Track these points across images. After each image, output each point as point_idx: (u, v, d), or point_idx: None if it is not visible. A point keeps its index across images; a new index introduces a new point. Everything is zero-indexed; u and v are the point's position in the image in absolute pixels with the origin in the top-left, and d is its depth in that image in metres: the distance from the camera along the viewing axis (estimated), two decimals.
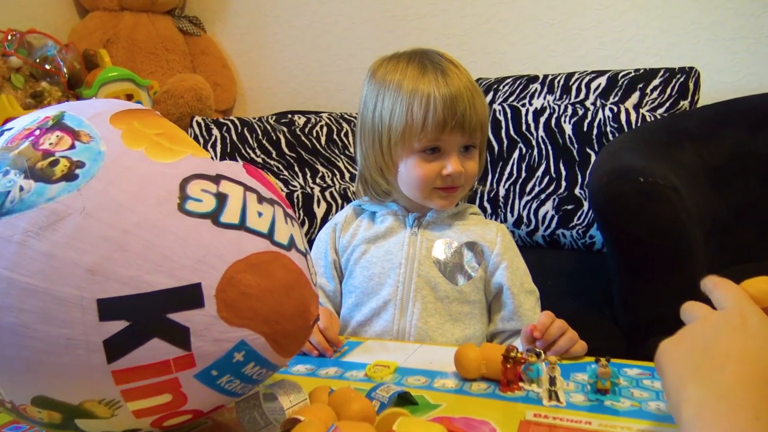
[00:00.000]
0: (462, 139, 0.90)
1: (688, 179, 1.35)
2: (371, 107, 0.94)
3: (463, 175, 0.91)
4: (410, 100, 0.89)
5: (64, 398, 0.48)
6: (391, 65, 0.94)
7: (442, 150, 0.90)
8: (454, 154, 0.90)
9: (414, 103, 0.88)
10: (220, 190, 0.51)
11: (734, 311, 0.48)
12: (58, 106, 0.54)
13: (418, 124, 0.88)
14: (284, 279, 0.52)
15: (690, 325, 0.50)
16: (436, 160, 0.90)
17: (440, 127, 0.88)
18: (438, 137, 0.89)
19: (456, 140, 0.90)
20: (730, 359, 0.44)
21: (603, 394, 0.65)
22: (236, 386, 0.53)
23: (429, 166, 0.90)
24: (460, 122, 0.88)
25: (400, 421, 0.52)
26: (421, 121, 0.88)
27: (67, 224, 0.46)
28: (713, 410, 0.42)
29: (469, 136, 0.90)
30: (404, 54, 0.95)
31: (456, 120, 0.87)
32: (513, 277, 0.92)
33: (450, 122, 0.87)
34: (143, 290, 0.46)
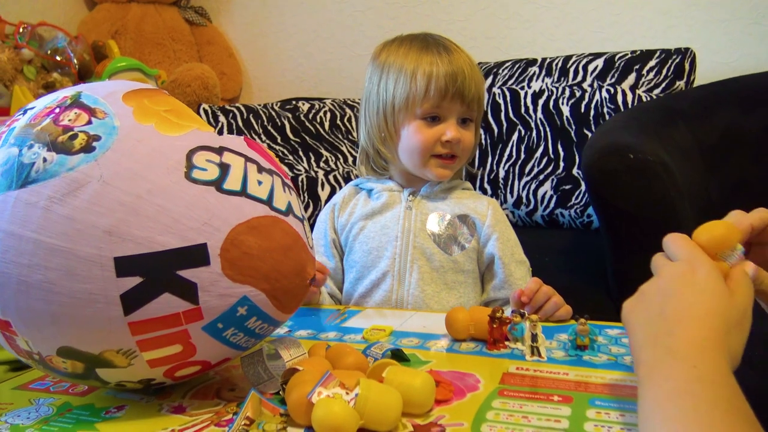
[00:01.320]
0: (461, 108, 0.96)
1: (682, 158, 1.38)
2: (376, 82, 1.00)
3: (461, 144, 0.97)
4: (414, 70, 0.96)
5: (86, 348, 0.53)
6: (393, 46, 1.01)
7: (442, 118, 0.96)
8: (454, 121, 0.96)
9: (418, 72, 0.95)
10: (223, 161, 0.56)
11: (684, 264, 0.52)
12: (75, 87, 0.59)
13: (420, 91, 0.95)
14: (282, 241, 0.57)
15: (648, 283, 0.54)
16: (436, 126, 0.96)
17: (441, 94, 0.94)
18: (439, 104, 0.95)
19: (455, 108, 0.96)
20: (680, 323, 0.48)
21: (582, 350, 0.70)
22: (240, 339, 0.58)
23: (429, 132, 0.96)
24: (461, 91, 0.94)
25: (389, 369, 0.57)
26: (424, 88, 0.94)
27: (87, 191, 0.51)
28: (660, 369, 0.47)
29: (467, 107, 0.97)
30: (407, 36, 1.02)
31: (456, 88, 0.94)
32: (504, 248, 0.97)
33: (451, 89, 0.94)
34: (155, 249, 0.51)
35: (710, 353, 0.46)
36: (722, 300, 0.49)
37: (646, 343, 0.50)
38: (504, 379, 0.63)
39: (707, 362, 0.45)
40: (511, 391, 0.60)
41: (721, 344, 0.47)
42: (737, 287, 0.51)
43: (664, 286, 0.52)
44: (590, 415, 0.54)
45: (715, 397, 0.43)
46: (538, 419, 0.54)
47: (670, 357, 0.47)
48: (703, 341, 0.47)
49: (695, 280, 0.51)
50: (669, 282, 0.52)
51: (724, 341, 0.47)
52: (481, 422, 0.54)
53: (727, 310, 0.49)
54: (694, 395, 0.43)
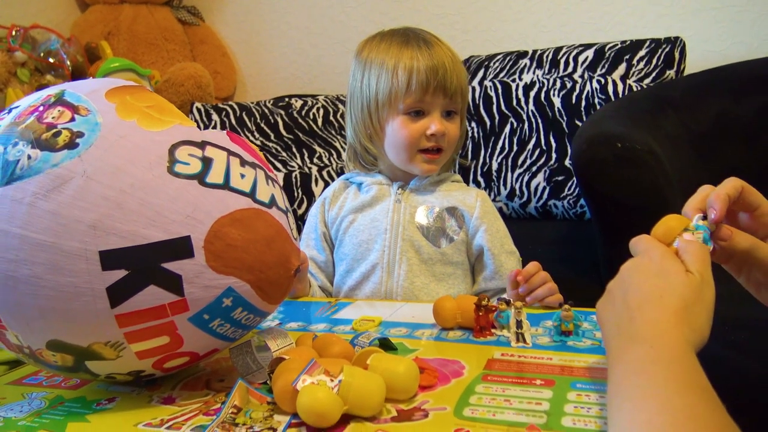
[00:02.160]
0: (444, 101, 0.97)
1: (672, 146, 1.39)
2: (359, 79, 1.01)
3: (446, 137, 0.97)
4: (395, 66, 0.96)
5: (74, 341, 0.54)
6: (375, 42, 1.01)
7: (426, 112, 0.97)
8: (437, 114, 0.97)
9: (399, 67, 0.96)
10: (206, 155, 0.57)
11: (641, 256, 0.55)
12: (59, 86, 0.60)
13: (402, 86, 0.95)
14: (265, 232, 0.58)
15: (612, 281, 0.56)
16: (420, 121, 0.97)
17: (423, 88, 0.95)
18: (421, 98, 0.96)
19: (438, 102, 0.96)
20: (639, 308, 0.50)
21: (566, 336, 0.71)
22: (227, 330, 0.59)
23: (414, 126, 0.97)
24: (442, 84, 0.95)
25: (373, 356, 0.58)
26: (406, 83, 0.95)
27: (71, 186, 0.52)
28: (622, 354, 0.48)
29: (450, 100, 0.97)
30: (388, 31, 1.02)
31: (438, 81, 0.95)
32: (493, 239, 0.98)
33: (432, 83, 0.95)
34: (139, 242, 0.52)
35: (668, 333, 0.47)
36: (676, 279, 0.51)
37: (611, 334, 0.52)
38: (489, 365, 0.64)
39: (664, 342, 0.47)
40: (495, 376, 0.61)
41: (679, 322, 0.48)
42: (690, 263, 0.52)
43: (625, 278, 0.54)
44: (571, 398, 0.55)
45: (670, 374, 0.44)
46: (520, 402, 0.55)
47: (631, 342, 0.48)
48: (660, 323, 0.48)
49: (650, 267, 0.53)
50: (628, 274, 0.54)
51: (683, 318, 0.48)
52: (463, 406, 0.55)
53: (683, 287, 0.50)
54: (650, 374, 0.45)
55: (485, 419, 0.52)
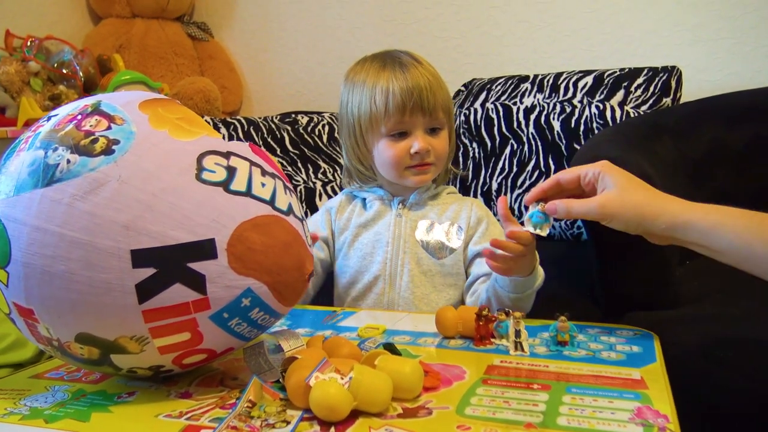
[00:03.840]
0: (424, 120, 1.01)
1: (666, 171, 1.43)
2: (345, 105, 1.06)
3: (432, 152, 1.02)
4: (372, 92, 1.01)
5: (102, 334, 0.58)
6: (358, 67, 1.07)
7: (408, 132, 1.01)
8: (420, 133, 1.01)
9: (376, 92, 1.00)
10: (230, 164, 0.61)
11: None
12: (95, 97, 0.64)
13: (380, 110, 1.00)
14: (283, 238, 0.62)
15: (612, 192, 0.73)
16: (403, 141, 1.01)
17: (400, 110, 0.99)
18: (401, 120, 1.00)
19: (418, 121, 1.00)
20: None
21: (562, 346, 0.75)
22: (244, 329, 0.63)
23: (398, 146, 1.01)
24: (419, 104, 0.99)
25: (381, 358, 0.62)
26: (383, 107, 0.99)
27: (106, 189, 0.56)
28: None
29: (430, 117, 1.01)
30: (370, 56, 1.08)
31: (414, 101, 0.98)
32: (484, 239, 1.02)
33: (408, 104, 0.98)
34: (168, 243, 0.56)
35: None
36: None
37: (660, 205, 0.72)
38: (488, 370, 0.68)
39: None
40: (495, 380, 0.65)
41: None
42: None
43: None
44: (566, 400, 0.59)
45: None
46: (518, 403, 0.59)
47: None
48: None
49: None
50: None
51: None
52: (465, 405, 0.58)
53: None
54: None
55: (485, 417, 0.56)
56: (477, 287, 0.99)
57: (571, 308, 1.31)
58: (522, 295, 0.92)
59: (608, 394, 0.60)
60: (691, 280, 1.31)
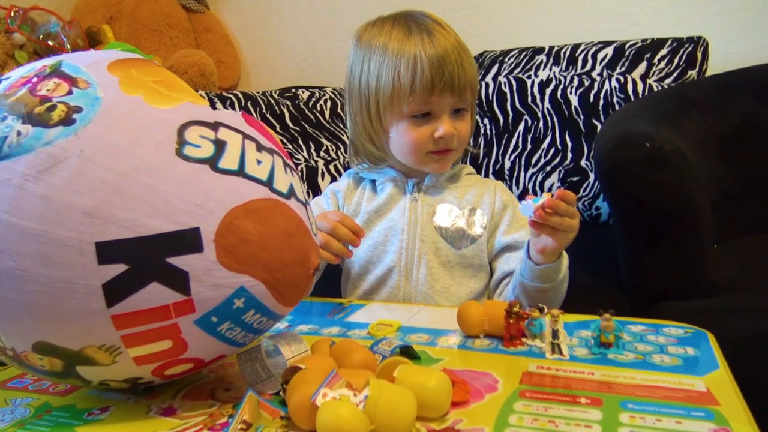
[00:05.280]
0: (452, 100, 0.88)
1: (696, 148, 1.33)
2: (357, 73, 0.92)
3: (456, 137, 0.90)
4: (396, 63, 0.87)
5: (64, 344, 0.48)
6: (376, 29, 0.93)
7: (433, 113, 0.89)
8: (446, 116, 0.89)
9: (401, 65, 0.87)
10: (219, 137, 0.51)
11: None
12: (57, 57, 0.53)
13: (406, 88, 0.87)
14: (284, 226, 0.51)
15: None
16: (427, 124, 0.89)
17: (429, 90, 0.86)
18: (427, 100, 0.87)
19: (446, 102, 0.88)
20: None
21: (606, 348, 0.65)
22: (237, 334, 0.53)
23: (420, 131, 0.89)
24: (449, 83, 0.86)
25: (400, 368, 0.52)
26: (409, 84, 0.86)
27: (65, 168, 0.46)
28: None
29: (459, 97, 0.89)
30: (389, 17, 0.94)
31: (444, 81, 0.86)
32: (515, 228, 0.92)
33: (438, 84, 0.86)
34: (141, 234, 0.46)
35: None
36: None
37: None
38: (524, 379, 0.58)
39: None
40: (533, 392, 0.55)
41: None
42: None
43: None
44: (623, 420, 0.49)
45: None
46: (567, 424, 0.49)
47: None
48: None
49: None
50: None
51: None
52: (503, 426, 0.49)
53: None
54: None
55: None
56: (503, 289, 0.90)
57: (595, 297, 1.22)
58: (551, 285, 0.82)
59: (673, 411, 0.50)
60: (721, 266, 1.21)
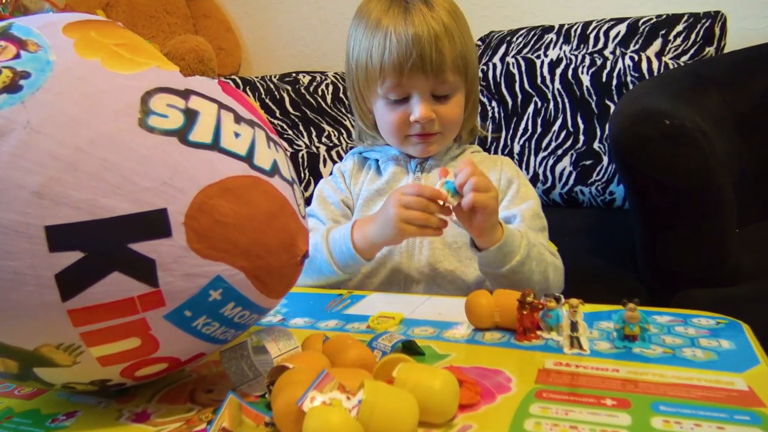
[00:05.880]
0: (426, 83, 0.82)
1: (715, 126, 1.26)
2: (349, 47, 0.89)
3: (439, 121, 0.84)
4: (370, 42, 0.83)
5: (17, 342, 0.42)
6: (364, 3, 0.89)
7: (410, 96, 0.84)
8: (422, 98, 0.83)
9: (373, 44, 0.83)
10: (190, 106, 0.44)
11: None
12: (9, 20, 0.47)
13: (376, 67, 0.83)
14: (265, 207, 0.45)
15: None
16: (403, 105, 0.84)
17: (398, 71, 0.81)
18: (399, 82, 0.82)
19: (420, 84, 0.82)
20: None
21: (631, 341, 0.58)
22: (215, 330, 0.47)
23: (396, 113, 0.85)
24: (419, 65, 0.80)
25: (400, 367, 0.46)
26: (378, 63, 0.82)
27: (9, 141, 0.39)
28: None
29: (435, 79, 0.82)
30: None
31: (413, 62, 0.80)
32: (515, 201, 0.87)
33: (406, 65, 0.80)
34: (99, 216, 0.40)
35: None
36: None
37: None
38: (540, 378, 0.52)
39: None
40: (552, 393, 0.49)
41: None
42: None
43: None
44: (656, 425, 0.43)
45: None
46: (592, 430, 0.42)
47: None
48: None
49: None
50: None
51: None
52: None
53: None
54: None
55: None
56: None
57: (610, 283, 1.15)
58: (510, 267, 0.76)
59: (713, 415, 0.44)
60: (742, 252, 1.14)
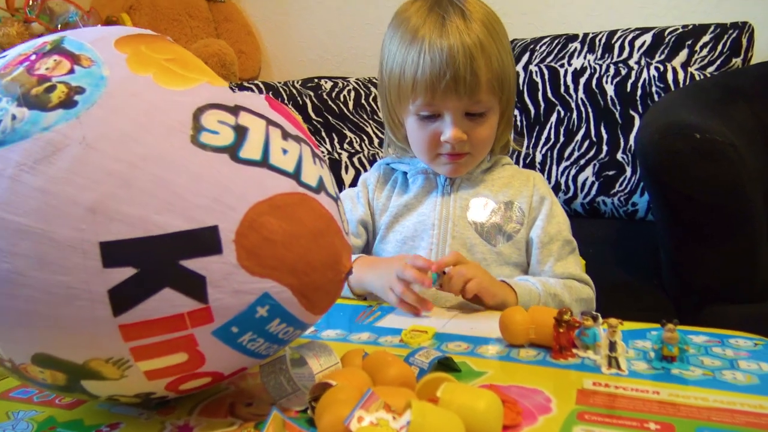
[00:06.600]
0: (460, 103, 0.81)
1: (745, 139, 1.25)
2: (384, 56, 0.87)
3: (470, 141, 0.83)
4: (404, 57, 0.82)
5: (66, 356, 0.43)
6: (408, 4, 0.87)
7: (440, 115, 0.83)
8: (455, 119, 0.82)
9: (407, 60, 0.81)
10: (240, 123, 0.45)
11: None
12: (60, 33, 0.48)
13: (408, 84, 0.82)
14: (312, 224, 0.45)
15: None
16: (435, 123, 0.83)
17: (429, 90, 0.80)
18: (430, 101, 0.81)
19: (452, 105, 0.81)
20: None
21: (669, 362, 0.58)
22: (260, 346, 0.47)
23: (427, 131, 0.84)
24: (452, 86, 0.79)
25: (445, 387, 0.45)
26: (411, 81, 0.81)
27: (65, 156, 0.40)
28: None
29: (469, 101, 0.81)
30: None
31: (446, 84, 0.79)
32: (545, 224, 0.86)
33: (439, 86, 0.79)
34: (152, 232, 0.40)
35: None
36: None
37: None
38: (580, 398, 0.51)
39: None
40: (594, 415, 0.48)
41: None
42: None
43: None
44: None
45: None
46: None
47: None
48: None
49: None
50: None
51: None
52: None
53: None
54: None
55: None
56: None
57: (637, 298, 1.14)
58: None
59: None
60: None
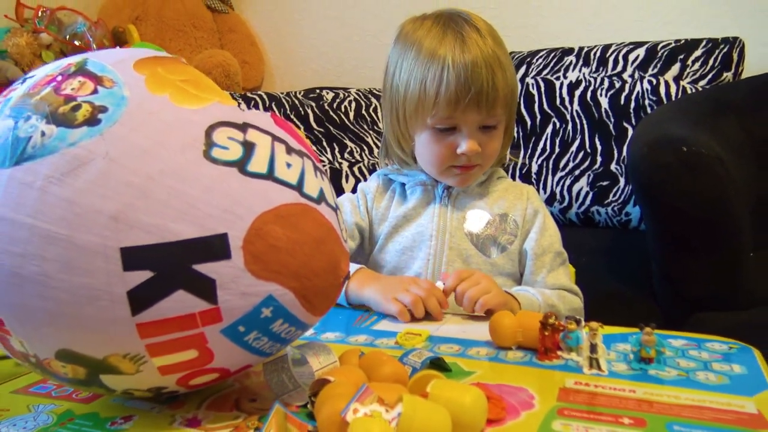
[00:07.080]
0: (479, 117, 0.84)
1: (733, 152, 1.29)
2: (391, 73, 0.90)
3: (483, 153, 0.87)
4: (424, 73, 0.84)
5: (88, 352, 0.46)
6: (417, 23, 0.90)
7: (458, 127, 0.85)
8: (471, 132, 0.85)
9: (428, 76, 0.83)
10: (247, 139, 0.49)
11: None
12: (82, 54, 0.52)
13: (430, 99, 0.84)
14: (314, 233, 0.49)
15: None
16: (451, 137, 0.86)
17: (453, 104, 0.83)
18: (451, 115, 0.84)
19: (471, 118, 0.84)
20: None
21: (647, 363, 0.61)
22: (264, 344, 0.51)
23: (443, 144, 0.86)
24: (475, 100, 0.82)
25: (434, 383, 0.49)
26: (433, 97, 0.83)
27: (90, 170, 0.44)
28: None
29: (486, 114, 0.84)
30: (431, 16, 0.91)
31: (470, 97, 0.82)
32: (538, 237, 0.89)
33: (463, 99, 0.82)
34: (167, 239, 0.44)
35: None
36: None
37: None
38: (561, 396, 0.55)
39: None
40: (574, 411, 0.52)
41: None
42: None
43: None
44: None
45: None
46: None
47: None
48: None
49: None
50: None
51: None
52: None
53: None
54: None
55: None
56: None
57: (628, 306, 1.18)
58: None
59: None
60: (756, 277, 1.16)
